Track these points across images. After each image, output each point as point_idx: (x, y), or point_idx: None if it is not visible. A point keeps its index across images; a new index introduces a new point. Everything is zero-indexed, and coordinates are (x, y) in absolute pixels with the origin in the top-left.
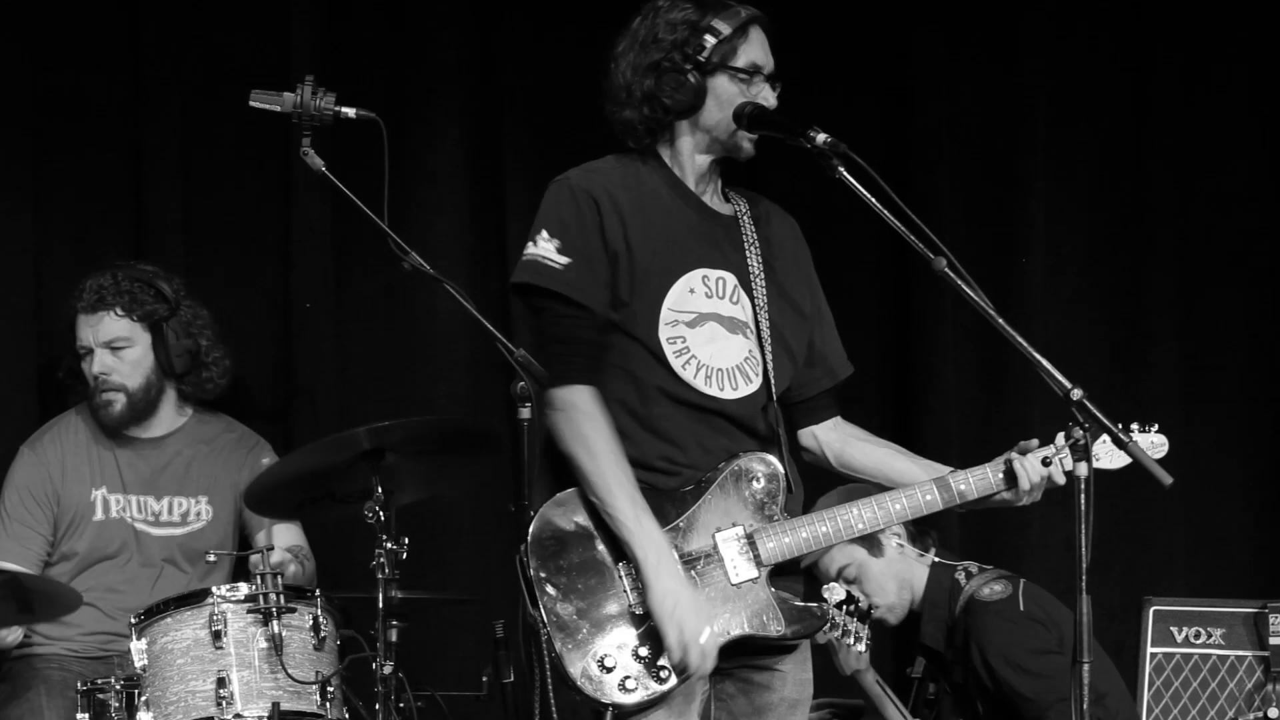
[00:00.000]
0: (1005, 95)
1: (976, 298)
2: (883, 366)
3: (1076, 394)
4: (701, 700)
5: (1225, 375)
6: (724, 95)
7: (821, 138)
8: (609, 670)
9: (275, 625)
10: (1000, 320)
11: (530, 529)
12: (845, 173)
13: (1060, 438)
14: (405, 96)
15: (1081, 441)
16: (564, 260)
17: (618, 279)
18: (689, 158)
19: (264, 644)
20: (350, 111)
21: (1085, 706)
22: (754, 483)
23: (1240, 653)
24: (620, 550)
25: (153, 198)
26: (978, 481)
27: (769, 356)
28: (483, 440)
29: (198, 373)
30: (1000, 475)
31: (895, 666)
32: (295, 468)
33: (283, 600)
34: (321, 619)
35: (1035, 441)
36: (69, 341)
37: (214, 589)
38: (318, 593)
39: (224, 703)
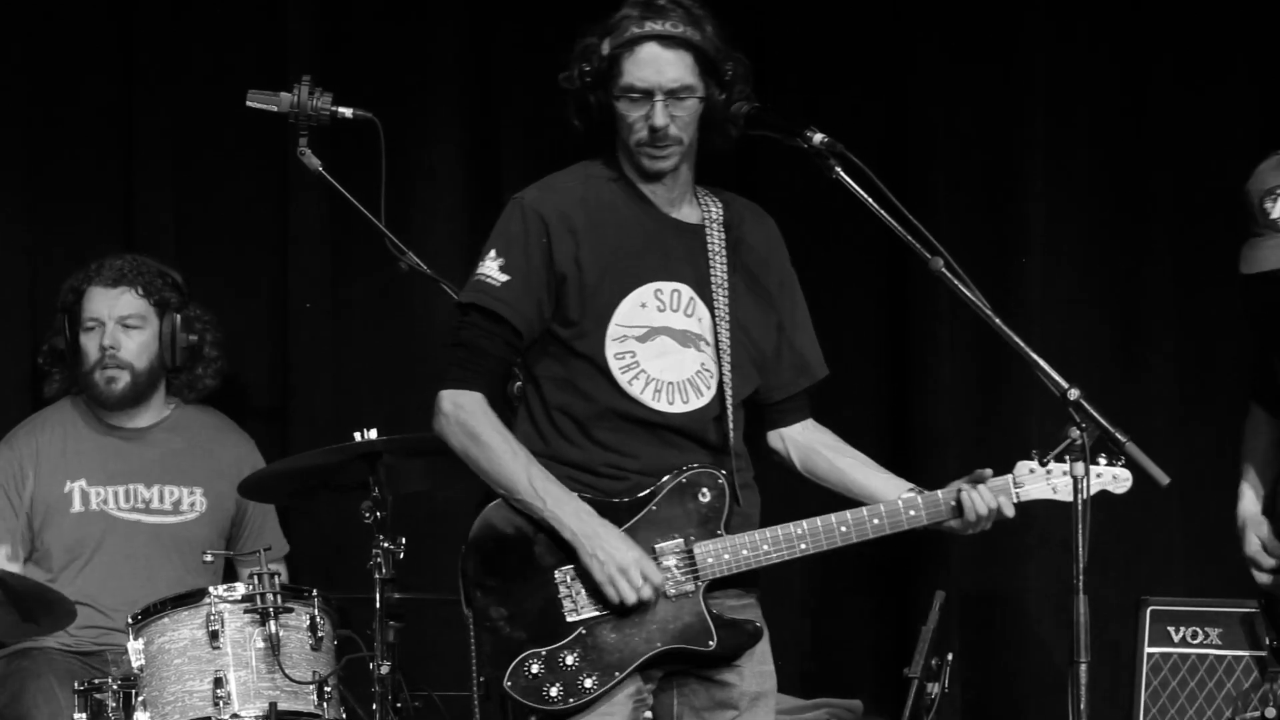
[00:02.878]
0: (1003, 95)
1: (973, 298)
2: (879, 367)
3: (1074, 394)
4: (630, 708)
5: (1223, 375)
6: (618, 114)
7: (818, 138)
8: (535, 677)
9: (272, 625)
10: (997, 320)
11: (471, 530)
12: (842, 173)
13: (1019, 466)
14: (402, 96)
15: (1079, 442)
16: (503, 279)
17: (567, 298)
18: (626, 167)
19: (261, 644)
20: (347, 111)
21: (1083, 706)
22: (699, 496)
23: (1238, 653)
24: (558, 557)
25: (144, 198)
26: (928, 510)
27: (725, 368)
28: None
29: (192, 369)
30: (952, 504)
31: (895, 666)
32: (291, 466)
33: (280, 600)
34: (319, 619)
35: (989, 471)
36: (59, 322)
37: (211, 589)
38: (315, 593)
39: (221, 703)
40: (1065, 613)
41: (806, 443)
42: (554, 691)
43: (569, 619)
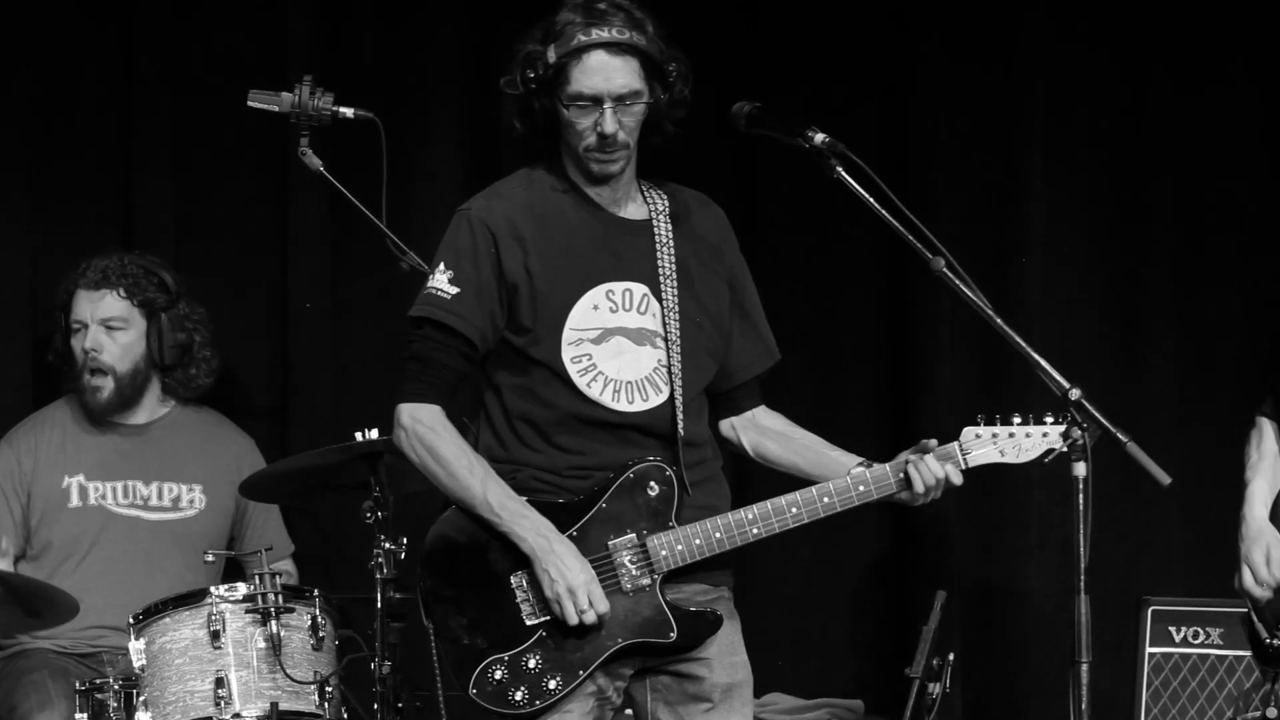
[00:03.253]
0: (1003, 95)
1: (975, 298)
2: (879, 367)
3: (1075, 394)
4: (591, 706)
5: (1223, 375)
6: (565, 121)
7: (819, 137)
8: (499, 683)
9: (274, 625)
10: (998, 320)
11: (425, 543)
12: (843, 172)
13: (965, 432)
14: (403, 96)
15: (1080, 441)
16: (454, 291)
17: (518, 307)
18: (572, 170)
19: (262, 644)
20: (348, 111)
21: (1084, 706)
22: (648, 490)
23: (1239, 653)
24: (513, 562)
25: (145, 199)
26: (877, 485)
27: (675, 361)
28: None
29: (185, 369)
30: (901, 476)
31: (893, 666)
32: (293, 466)
33: (281, 600)
34: (320, 619)
35: (934, 441)
36: (58, 320)
37: (212, 589)
38: (316, 593)
39: (222, 703)
40: (1066, 613)
41: (757, 428)
42: (519, 696)
43: (528, 622)
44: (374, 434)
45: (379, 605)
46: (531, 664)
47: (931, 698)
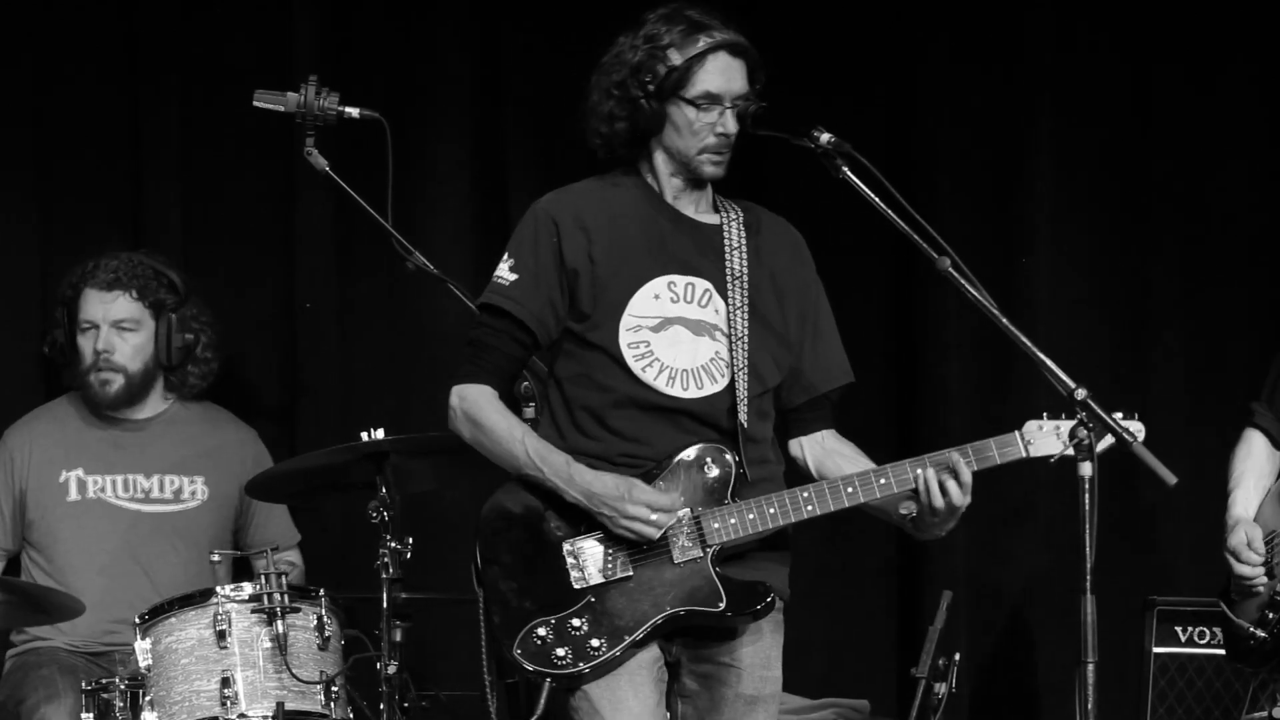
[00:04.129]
0: (1008, 95)
1: (980, 298)
2: (886, 367)
3: (1081, 394)
4: (655, 674)
5: (1230, 374)
6: (680, 121)
7: (825, 138)
8: (544, 643)
9: (279, 625)
10: (1004, 320)
11: (481, 512)
12: (849, 173)
13: (1028, 425)
14: (409, 96)
15: (1086, 441)
16: (512, 278)
17: (579, 293)
18: (663, 174)
19: (268, 644)
20: (354, 111)
21: (1091, 706)
22: (705, 470)
23: None
24: (566, 532)
25: (151, 198)
26: (898, 480)
27: (739, 355)
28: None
29: (184, 368)
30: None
31: (899, 666)
32: (299, 466)
33: (287, 600)
34: (326, 619)
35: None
36: (59, 316)
37: (218, 589)
38: (322, 592)
39: (228, 702)
40: (1072, 613)
41: (823, 452)
42: (561, 653)
43: (577, 587)
44: (380, 434)
45: (385, 605)
46: (578, 625)
47: (937, 698)
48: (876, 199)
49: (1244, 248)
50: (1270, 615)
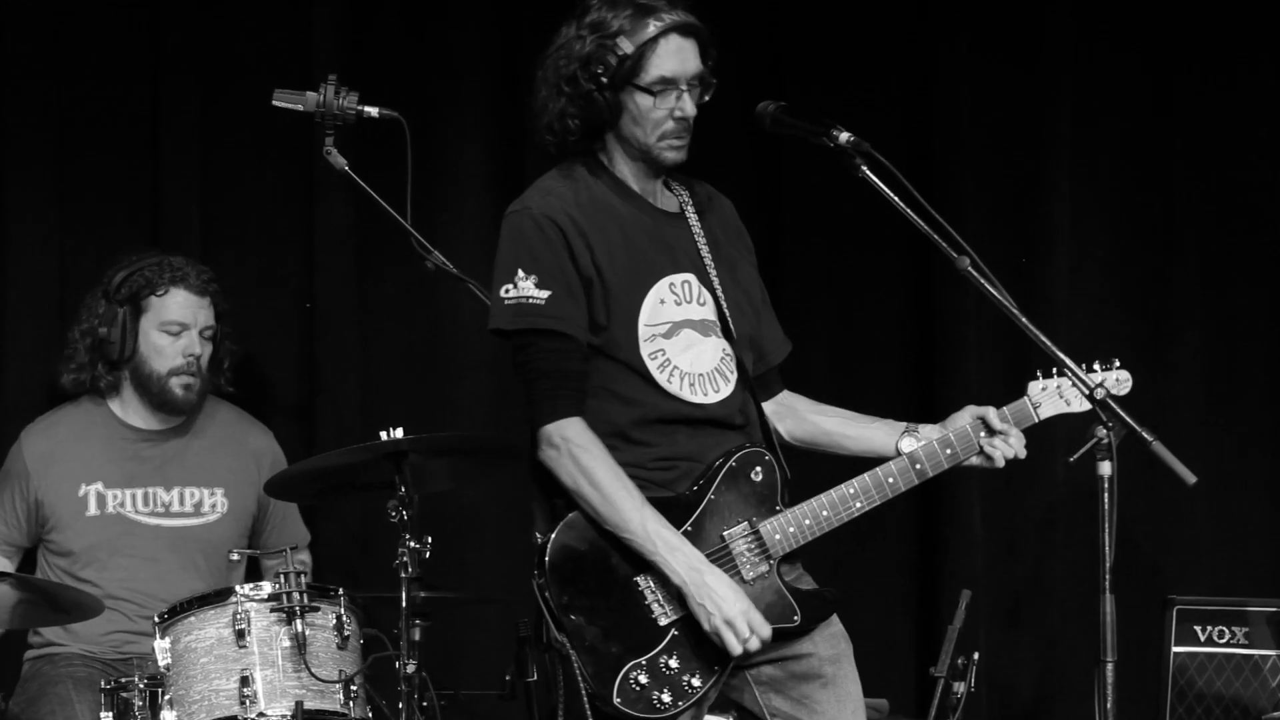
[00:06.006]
0: (1028, 94)
1: (1000, 297)
2: (906, 366)
3: (1100, 393)
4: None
5: (1249, 374)
6: (635, 110)
7: (845, 136)
8: (643, 688)
9: (299, 624)
10: (1024, 319)
11: (545, 556)
12: (869, 171)
13: (1031, 387)
14: (428, 95)
15: (1105, 440)
16: (545, 294)
17: (593, 304)
18: (623, 165)
19: (287, 643)
20: (373, 111)
21: (1110, 705)
22: (753, 476)
23: (1264, 652)
24: (638, 564)
25: (171, 197)
26: (963, 446)
27: (737, 349)
28: (505, 449)
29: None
30: (979, 444)
31: (918, 665)
32: (317, 465)
33: (306, 599)
34: (345, 618)
35: (992, 410)
36: (120, 315)
37: (237, 588)
38: (341, 591)
39: (247, 701)
40: (1091, 612)
41: (789, 412)
42: (665, 698)
43: (660, 622)
44: (399, 433)
45: (404, 604)
46: (672, 664)
47: (956, 697)
48: (896, 198)
49: (1266, 247)
50: None
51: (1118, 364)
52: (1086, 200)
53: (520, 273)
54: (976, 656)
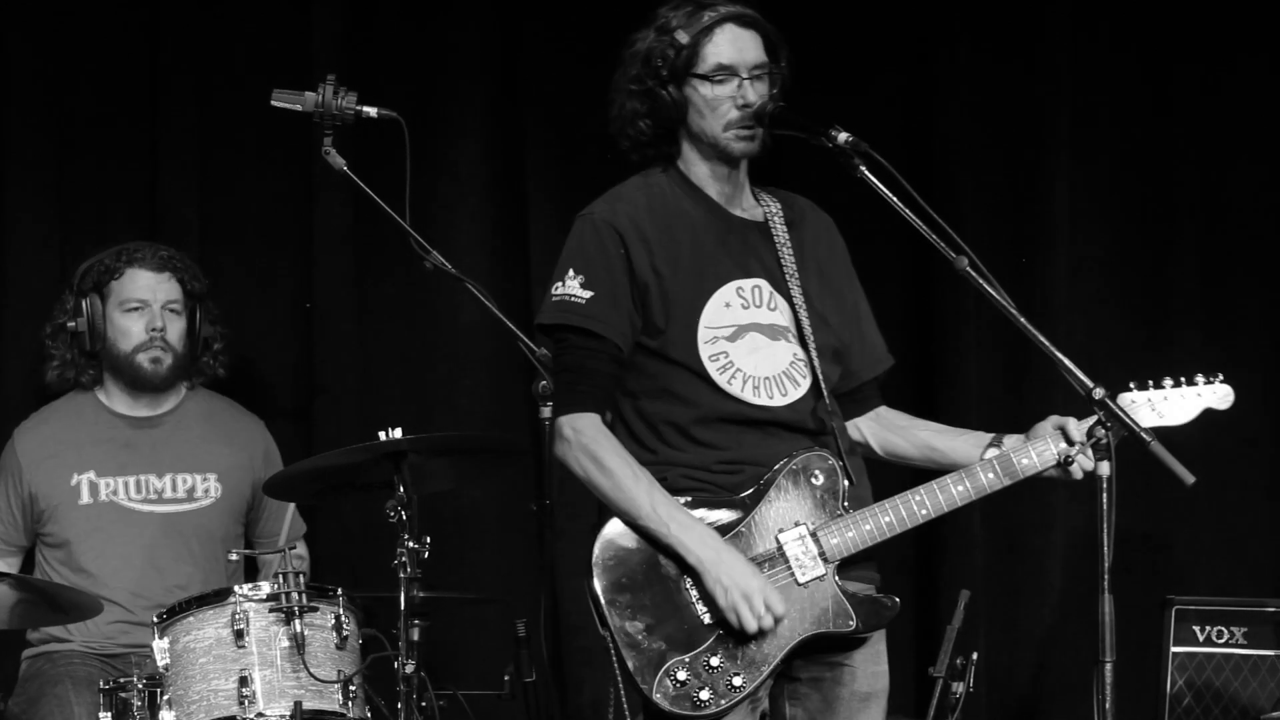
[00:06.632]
0: (1027, 94)
1: (999, 297)
2: (904, 366)
3: (1099, 393)
4: (747, 711)
5: (1249, 373)
6: (698, 101)
7: (843, 137)
8: (684, 685)
9: (297, 624)
10: (1022, 319)
11: (593, 551)
12: (867, 172)
13: (1121, 397)
14: (427, 96)
15: (1104, 441)
16: (587, 295)
17: (650, 307)
18: (697, 165)
19: (286, 643)
20: (372, 111)
21: (1109, 705)
22: (813, 480)
23: (1263, 652)
24: (683, 563)
25: (169, 197)
26: (1040, 459)
27: (814, 356)
28: (504, 448)
29: (203, 359)
30: (1062, 446)
31: (917, 665)
32: (317, 465)
33: (304, 599)
34: (343, 618)
35: (1072, 421)
36: (88, 304)
37: (236, 588)
38: (339, 592)
39: (246, 701)
40: (1091, 612)
41: (883, 426)
42: (705, 695)
43: (706, 620)
44: (398, 433)
45: (402, 604)
46: (714, 663)
47: (955, 697)
48: (894, 198)
49: (1264, 247)
50: None
51: (1220, 378)
52: (1086, 200)
53: (570, 272)
54: (975, 656)
